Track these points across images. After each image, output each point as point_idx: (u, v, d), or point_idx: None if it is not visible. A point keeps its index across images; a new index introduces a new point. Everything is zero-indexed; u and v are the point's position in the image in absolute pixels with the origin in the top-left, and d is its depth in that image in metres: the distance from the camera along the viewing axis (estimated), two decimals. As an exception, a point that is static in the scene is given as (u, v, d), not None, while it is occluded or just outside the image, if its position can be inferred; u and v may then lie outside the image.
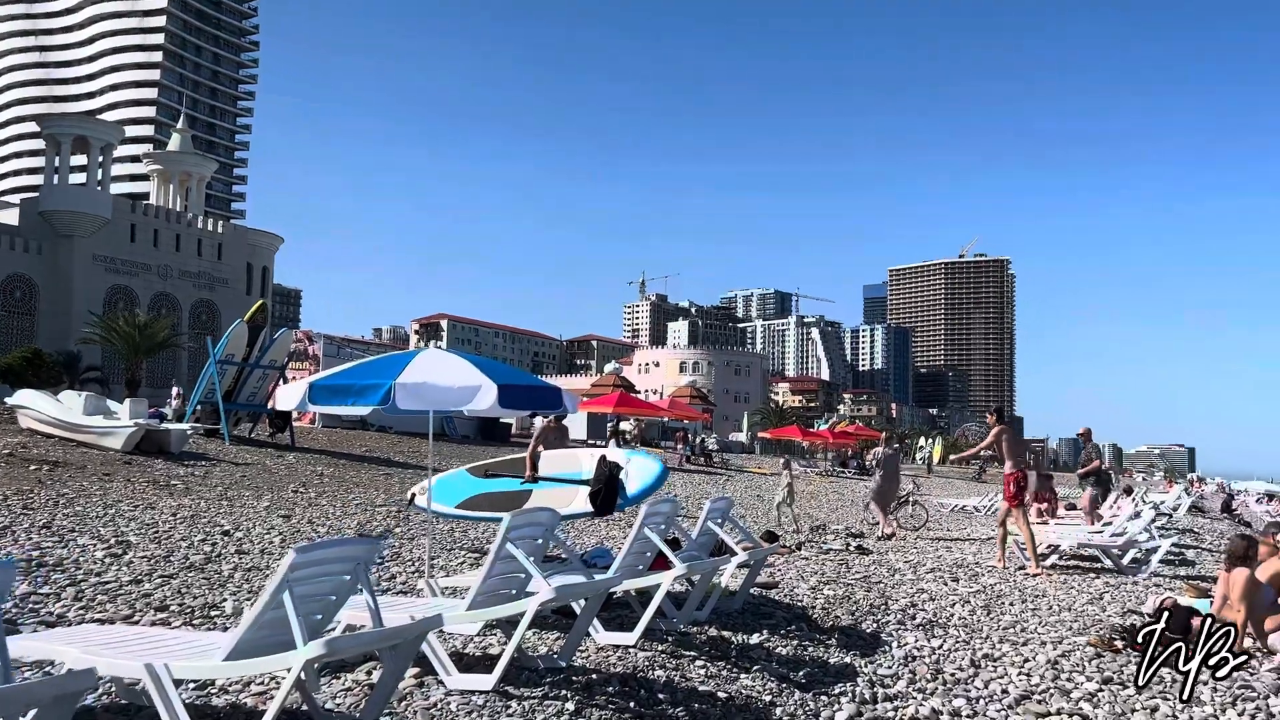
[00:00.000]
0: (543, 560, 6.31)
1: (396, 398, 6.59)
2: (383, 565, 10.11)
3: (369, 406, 6.77)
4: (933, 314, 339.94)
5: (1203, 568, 14.32)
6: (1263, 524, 33.52)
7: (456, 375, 6.84)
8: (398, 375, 6.73)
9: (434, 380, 6.77)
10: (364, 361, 7.44)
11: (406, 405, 6.68)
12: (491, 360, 7.70)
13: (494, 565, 4.97)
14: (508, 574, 5.14)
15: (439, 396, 6.73)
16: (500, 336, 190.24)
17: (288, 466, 21.65)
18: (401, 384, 6.65)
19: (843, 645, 7.17)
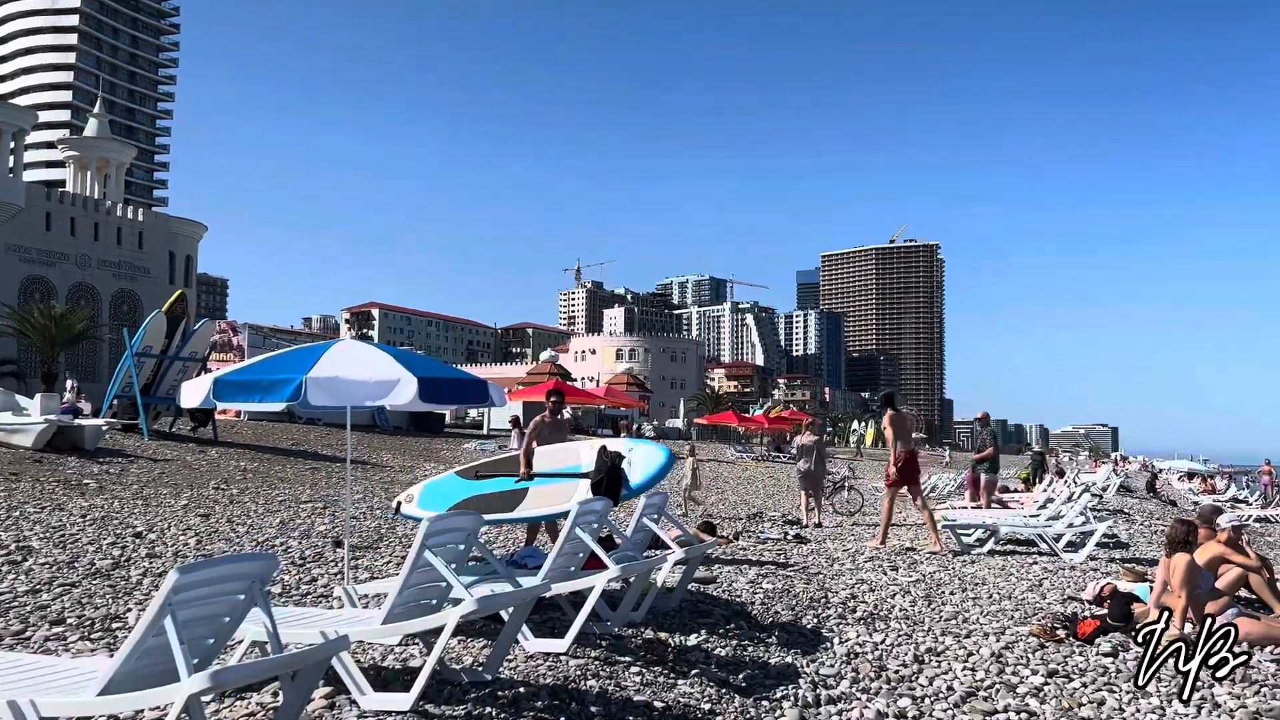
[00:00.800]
0: (468, 564, 5.95)
1: (308, 393, 6.16)
2: (303, 566, 9.64)
3: (278, 403, 6.32)
4: (864, 299, 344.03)
5: (1136, 549, 14.41)
6: (1188, 502, 34.33)
7: (373, 368, 6.43)
8: (309, 369, 6.29)
9: (348, 374, 6.35)
10: (273, 355, 6.97)
11: (319, 401, 6.25)
12: (410, 352, 7.29)
13: (411, 574, 4.59)
14: (426, 583, 4.76)
15: (354, 391, 6.31)
16: (433, 325, 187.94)
17: (210, 462, 20.89)
18: (313, 379, 6.22)
19: (783, 643, 6.92)
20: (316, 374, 6.27)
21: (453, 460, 28.83)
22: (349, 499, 8.84)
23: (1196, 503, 36.26)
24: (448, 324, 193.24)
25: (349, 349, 6.79)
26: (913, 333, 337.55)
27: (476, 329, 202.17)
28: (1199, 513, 10.22)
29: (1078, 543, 13.07)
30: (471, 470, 10.79)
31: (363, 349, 6.82)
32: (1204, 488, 47.28)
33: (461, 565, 5.00)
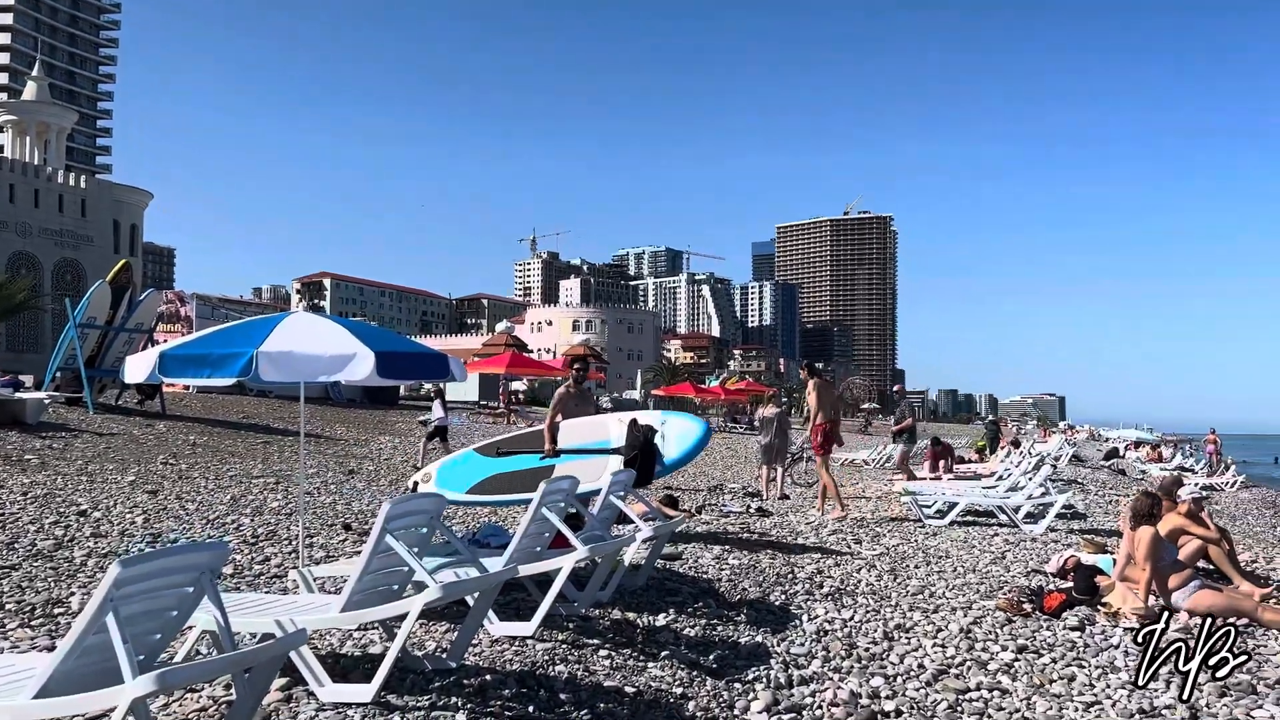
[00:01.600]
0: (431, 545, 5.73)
1: (259, 368, 5.88)
2: (255, 545, 9.36)
3: (228, 379, 6.04)
4: (819, 270, 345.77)
5: (1094, 520, 14.53)
6: (1136, 471, 34.89)
7: (328, 342, 6.15)
8: (260, 343, 6.00)
9: (302, 348, 6.07)
10: (222, 328, 6.66)
11: (271, 376, 5.97)
12: (367, 324, 7.01)
13: (371, 559, 4.37)
14: (388, 568, 4.55)
15: (308, 366, 6.04)
16: (386, 296, 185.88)
17: (157, 436, 20.37)
18: (264, 353, 5.93)
19: (752, 621, 6.79)
20: (268, 348, 5.99)
21: (408, 433, 28.43)
22: (302, 474, 8.54)
23: (1144, 471, 36.89)
24: (401, 295, 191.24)
25: (302, 322, 6.51)
26: (866, 304, 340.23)
27: (431, 300, 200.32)
28: (1160, 485, 10.25)
29: (1037, 514, 13.13)
30: (492, 447, 10.30)
31: (317, 322, 6.54)
32: (1151, 456, 48.11)
33: (424, 548, 4.78)
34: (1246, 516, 21.15)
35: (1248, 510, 23.02)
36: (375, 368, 6.03)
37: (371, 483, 15.97)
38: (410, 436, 27.49)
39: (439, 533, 4.86)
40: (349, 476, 16.72)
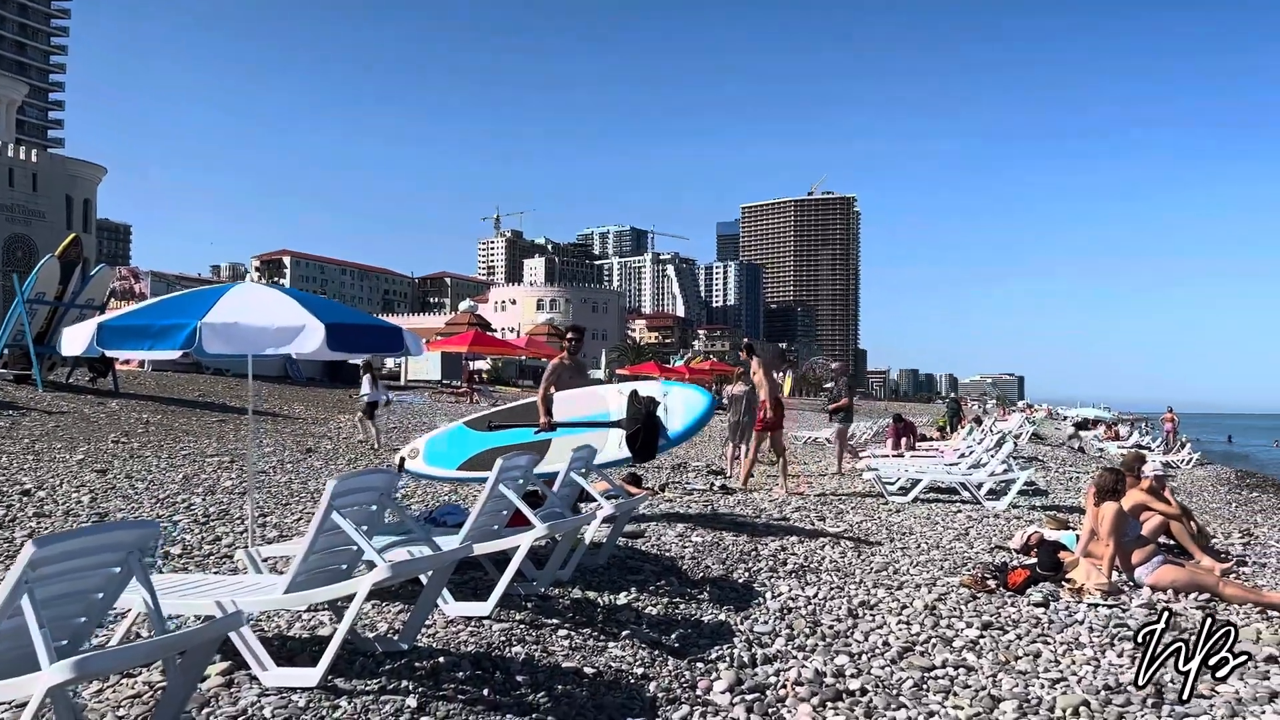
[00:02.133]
0: (385, 523, 5.53)
1: (203, 339, 5.62)
2: (206, 525, 9.10)
3: (170, 351, 5.77)
4: (783, 251, 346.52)
5: (1055, 497, 14.58)
6: (1094, 449, 35.26)
7: (275, 314, 5.90)
8: (204, 314, 5.74)
9: (248, 320, 5.81)
10: (165, 298, 6.38)
11: (216, 349, 5.72)
12: (318, 296, 6.76)
13: (317, 538, 4.16)
14: (335, 547, 4.34)
15: (254, 338, 5.78)
16: (348, 274, 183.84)
17: (109, 414, 19.90)
18: (209, 324, 5.67)
19: (716, 599, 6.66)
20: (212, 319, 5.73)
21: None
22: (253, 451, 8.28)
23: (1102, 449, 37.32)
24: (363, 273, 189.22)
25: (250, 292, 6.25)
26: (829, 284, 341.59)
27: (393, 278, 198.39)
28: (1123, 461, 10.25)
29: (999, 491, 13.13)
30: (483, 421, 9.87)
31: (265, 292, 6.28)
32: (1108, 434, 48.71)
33: (375, 526, 4.58)
34: (1203, 493, 21.38)
35: (1204, 487, 23.29)
36: (325, 340, 5.79)
37: (329, 461, 15.69)
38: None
39: (391, 510, 4.65)
40: (306, 455, 16.42)
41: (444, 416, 28.95)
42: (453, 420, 26.69)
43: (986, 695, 5.17)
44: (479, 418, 9.99)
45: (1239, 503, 19.65)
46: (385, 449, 18.43)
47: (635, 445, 8.64)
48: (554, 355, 46.42)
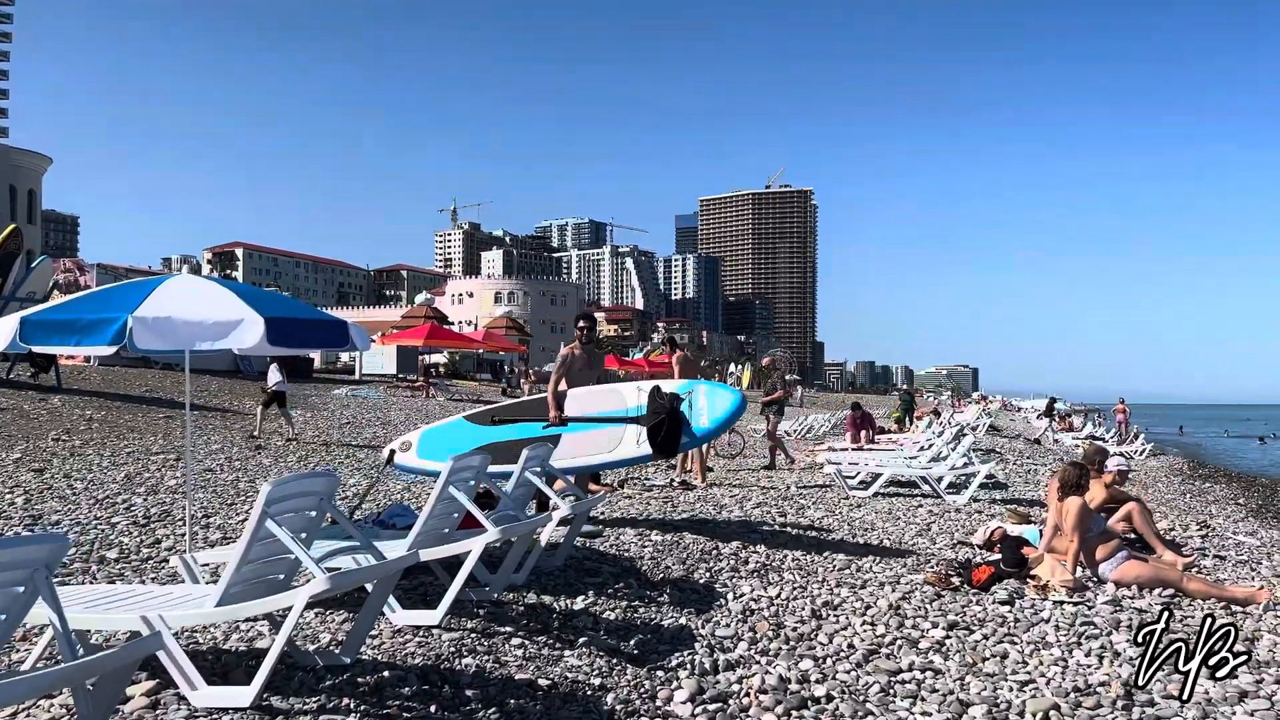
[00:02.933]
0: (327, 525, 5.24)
1: (133, 335, 5.30)
2: (146, 527, 8.73)
3: (100, 347, 5.44)
4: (741, 243, 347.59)
5: (1015, 490, 14.56)
6: (1049, 440, 35.56)
7: (211, 307, 5.59)
8: (135, 307, 5.42)
9: (182, 314, 5.50)
10: (95, 291, 6.05)
11: (148, 344, 5.41)
12: (259, 289, 6.45)
13: (251, 547, 3.88)
14: (272, 556, 4.06)
15: (189, 333, 5.47)
16: (302, 267, 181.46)
17: (51, 411, 19.30)
18: (140, 318, 5.36)
19: (676, 602, 6.44)
20: (144, 313, 5.42)
21: (321, 408, 27.55)
22: (189, 449, 7.96)
23: (1057, 440, 37.66)
24: (317, 265, 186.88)
25: (185, 284, 5.93)
26: (787, 277, 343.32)
27: (348, 270, 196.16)
28: (1085, 455, 10.18)
29: (959, 484, 13.07)
30: (486, 415, 9.29)
31: (201, 284, 5.96)
32: (1061, 426, 49.23)
33: (314, 532, 4.31)
34: (1157, 484, 21.56)
35: (1157, 478, 23.50)
36: (265, 334, 5.51)
37: (279, 459, 15.30)
38: (324, 410, 26.65)
39: (332, 516, 4.37)
40: (255, 452, 16.01)
41: (400, 411, 28.53)
42: (409, 415, 26.32)
43: (955, 700, 5.01)
44: (481, 412, 9.51)
45: (1193, 493, 19.84)
46: (307, 443, 18.05)
47: (658, 438, 8.21)
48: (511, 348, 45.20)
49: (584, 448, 8.50)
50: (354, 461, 15.67)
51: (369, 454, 16.91)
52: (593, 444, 8.50)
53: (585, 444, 8.51)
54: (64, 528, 8.57)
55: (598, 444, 8.49)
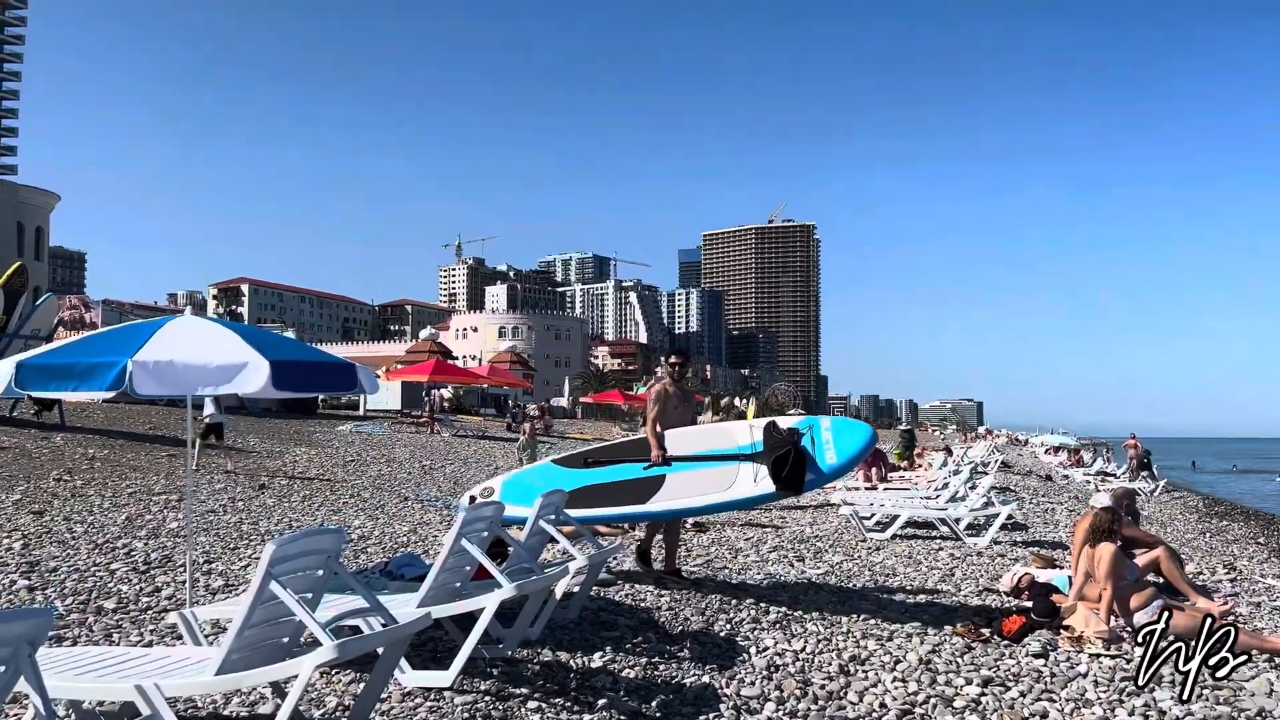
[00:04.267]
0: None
1: (133, 379, 5.08)
2: (146, 574, 8.46)
3: (99, 392, 5.21)
4: (744, 277, 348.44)
5: (1035, 531, 14.23)
6: (1059, 476, 35.15)
7: (215, 350, 5.36)
8: (135, 351, 5.20)
9: (185, 357, 5.27)
10: (94, 334, 5.83)
11: (148, 390, 5.17)
12: (265, 330, 6.23)
13: (254, 610, 3.63)
14: (276, 619, 3.81)
15: (191, 378, 5.24)
16: (306, 302, 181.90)
17: (53, 450, 19.03)
18: (140, 362, 5.13)
19: (697, 658, 6.16)
20: (144, 357, 5.19)
21: (325, 444, 27.28)
22: (190, 494, 7.68)
23: (1066, 476, 37.24)
24: (322, 301, 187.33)
25: (188, 326, 5.71)
26: (790, 311, 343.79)
27: (353, 306, 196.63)
28: (1114, 498, 9.88)
29: (978, 525, 12.77)
30: (579, 458, 8.65)
31: (205, 326, 5.74)
32: (1071, 460, 48.78)
33: (320, 592, 4.05)
34: (1174, 523, 21.20)
35: (1174, 516, 23.13)
36: (270, 378, 5.27)
37: (283, 499, 15.01)
38: (328, 447, 26.38)
39: (338, 572, 4.11)
40: (259, 491, 15.73)
41: (404, 447, 28.26)
42: (413, 451, 25.98)
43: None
44: (572, 455, 8.93)
45: (1211, 532, 19.49)
46: (310, 480, 17.77)
47: (782, 473, 7.50)
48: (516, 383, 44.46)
49: (693, 488, 7.89)
50: (358, 501, 15.38)
51: (373, 493, 16.64)
52: (703, 484, 7.88)
53: (694, 484, 7.90)
54: (61, 575, 8.31)
55: (709, 484, 7.85)
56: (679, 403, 8.49)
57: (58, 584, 7.91)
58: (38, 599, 7.37)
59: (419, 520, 12.71)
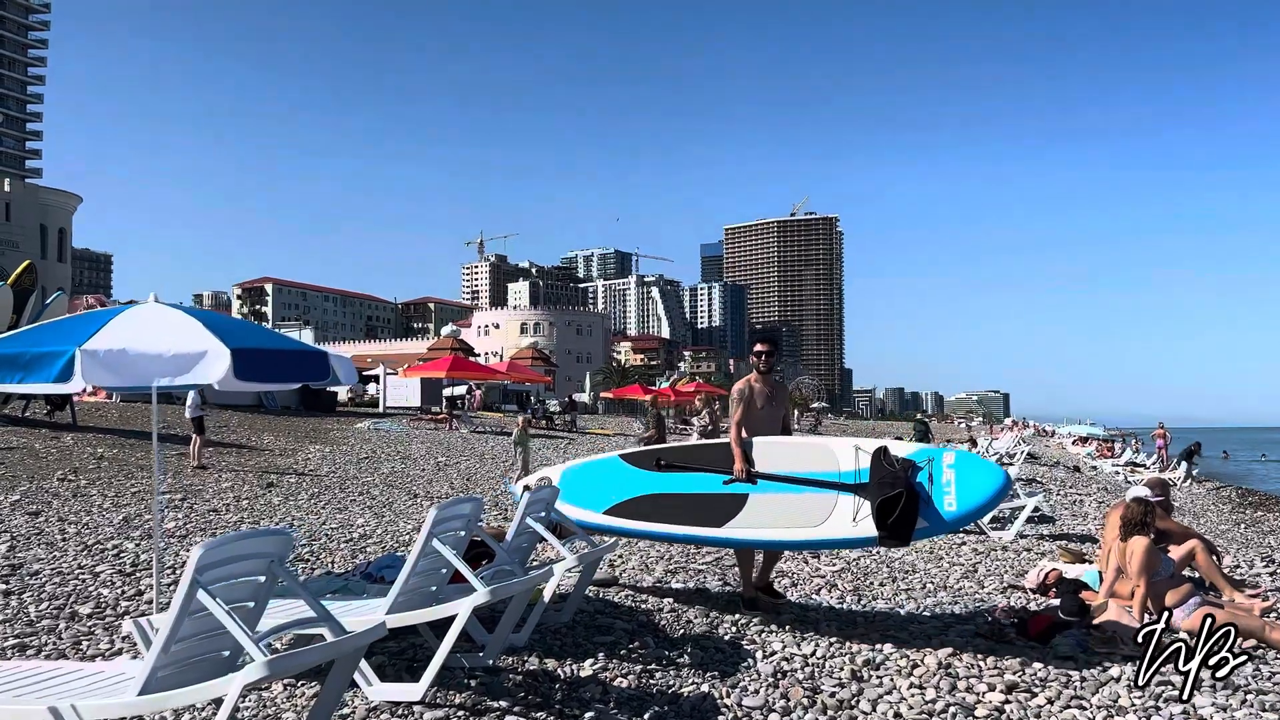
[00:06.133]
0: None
1: (81, 369, 4.71)
2: (131, 576, 8.13)
3: (46, 384, 4.85)
4: (767, 271, 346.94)
5: (1063, 524, 13.70)
6: (1088, 467, 34.45)
7: (172, 339, 4.98)
8: (84, 340, 4.83)
9: (138, 346, 4.90)
10: (48, 322, 5.48)
11: (99, 380, 4.81)
12: (230, 318, 5.86)
13: (180, 623, 3.24)
14: (208, 632, 3.41)
15: (144, 367, 4.87)
16: (330, 300, 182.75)
17: (61, 450, 18.85)
18: (89, 351, 4.76)
19: (698, 663, 5.73)
20: (94, 346, 4.82)
21: (341, 441, 27.02)
22: (157, 493, 7.30)
23: (1095, 467, 36.51)
24: (346, 299, 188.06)
25: (146, 313, 5.34)
26: (813, 304, 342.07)
27: (376, 304, 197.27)
28: (1148, 487, 9.36)
29: (1004, 518, 12.26)
30: (649, 457, 7.33)
31: (164, 313, 5.36)
32: (1100, 451, 47.97)
33: (264, 600, 3.65)
34: (1207, 514, 20.56)
35: (1206, 507, 22.47)
36: (231, 368, 4.89)
37: (289, 497, 14.71)
38: (344, 444, 26.12)
39: (284, 580, 3.71)
40: (266, 490, 15.44)
41: (420, 444, 27.94)
42: (430, 448, 25.54)
43: (1024, 786, 4.28)
44: (641, 452, 7.65)
45: (1246, 523, 18.83)
46: (321, 478, 17.45)
47: (889, 519, 6.11)
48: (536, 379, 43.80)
49: (778, 516, 6.56)
50: (366, 499, 15.05)
51: (383, 490, 16.31)
52: (791, 513, 6.54)
53: (781, 511, 6.55)
54: (43, 578, 8.00)
55: (798, 514, 6.52)
56: (766, 401, 7.13)
57: (36, 588, 7.60)
58: (11, 604, 7.06)
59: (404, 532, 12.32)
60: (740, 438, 6.86)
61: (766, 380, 7.24)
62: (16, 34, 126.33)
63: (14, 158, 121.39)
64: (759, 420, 7.08)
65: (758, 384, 7.20)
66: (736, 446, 6.79)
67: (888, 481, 6.18)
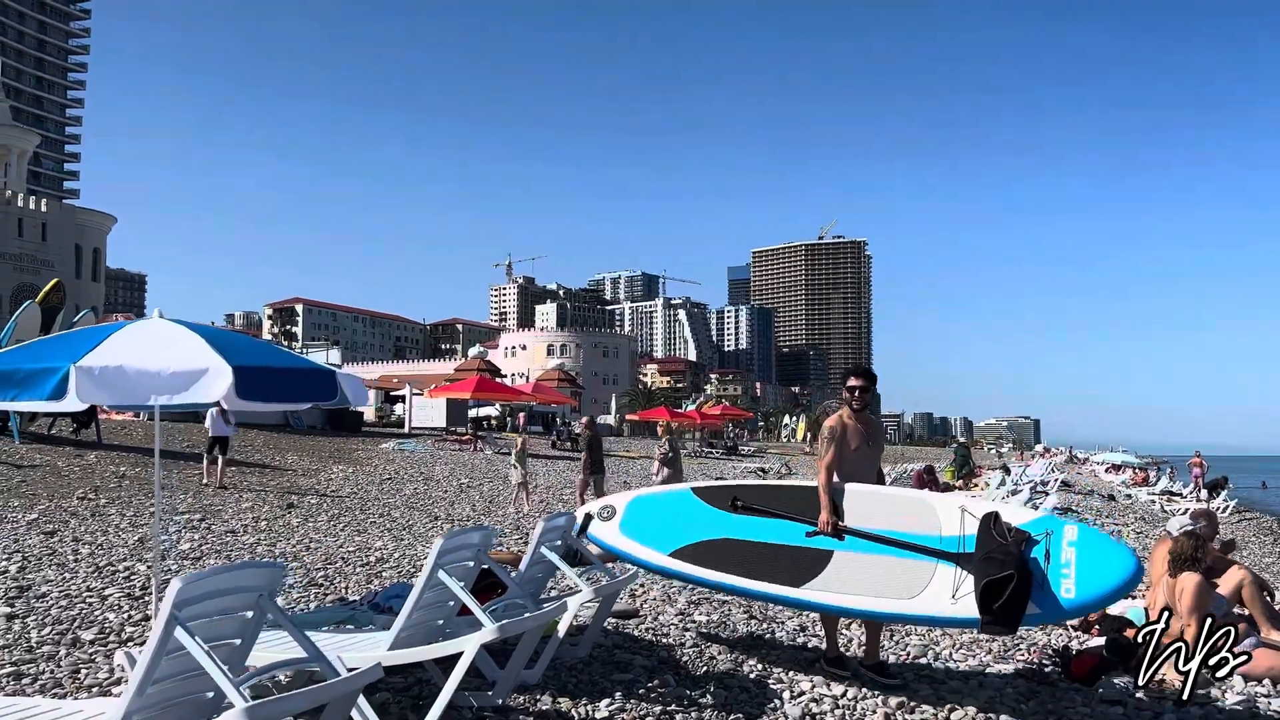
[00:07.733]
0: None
1: (75, 386, 4.49)
2: (141, 599, 7.92)
3: (40, 401, 4.64)
4: (794, 294, 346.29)
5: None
6: (1122, 495, 33.73)
7: (172, 356, 4.76)
8: (80, 357, 4.62)
9: (136, 363, 4.68)
10: (45, 338, 5.29)
11: (93, 398, 4.60)
12: (235, 334, 5.64)
13: (156, 662, 2.98)
14: (189, 672, 3.15)
15: (142, 385, 4.65)
16: (359, 321, 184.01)
17: (84, 468, 18.81)
18: (84, 368, 4.55)
19: (721, 705, 5.40)
20: (90, 362, 4.61)
21: (365, 462, 26.90)
22: (159, 512, 7.08)
23: (1129, 495, 35.73)
24: (375, 320, 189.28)
25: (146, 329, 5.13)
26: (841, 327, 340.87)
27: (405, 325, 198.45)
28: (1192, 519, 8.93)
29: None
30: (724, 493, 6.43)
31: (165, 329, 5.14)
32: (1135, 479, 47.06)
33: (251, 637, 3.39)
34: (1248, 545, 19.93)
35: (1246, 539, 21.80)
36: (234, 386, 4.66)
37: (309, 518, 14.50)
38: (368, 465, 25.99)
39: (273, 615, 3.44)
40: (286, 511, 15.26)
41: (444, 465, 27.78)
42: (453, 469, 25.29)
43: None
44: (716, 487, 6.68)
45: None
46: (342, 499, 17.25)
47: (996, 602, 5.24)
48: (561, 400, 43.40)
49: (866, 581, 5.67)
50: (386, 521, 14.83)
51: (405, 512, 16.09)
52: (882, 578, 5.64)
53: (869, 576, 5.67)
54: (50, 601, 7.80)
55: (889, 580, 5.62)
56: (863, 442, 6.19)
57: (42, 611, 7.40)
58: (14, 628, 6.85)
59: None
60: (830, 484, 5.93)
61: (862, 418, 6.31)
62: (57, 56, 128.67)
63: (52, 179, 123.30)
64: (852, 465, 6.12)
65: (851, 421, 6.25)
66: (825, 494, 5.89)
67: (997, 557, 5.28)
